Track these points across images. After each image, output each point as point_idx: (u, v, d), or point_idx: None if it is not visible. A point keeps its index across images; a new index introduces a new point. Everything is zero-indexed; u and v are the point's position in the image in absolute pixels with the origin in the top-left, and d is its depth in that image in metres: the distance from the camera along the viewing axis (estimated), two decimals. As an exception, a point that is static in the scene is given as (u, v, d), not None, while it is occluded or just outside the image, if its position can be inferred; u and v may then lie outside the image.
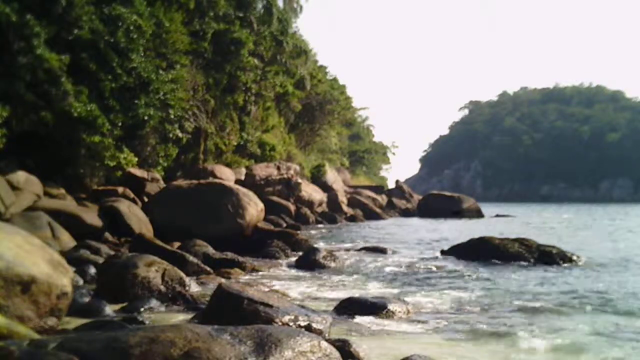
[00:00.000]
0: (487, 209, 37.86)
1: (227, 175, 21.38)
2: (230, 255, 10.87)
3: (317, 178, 32.31)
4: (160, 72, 16.86)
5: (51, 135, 13.96)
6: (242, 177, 23.44)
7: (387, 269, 10.16)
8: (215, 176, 19.86)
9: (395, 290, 8.00)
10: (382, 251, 12.99)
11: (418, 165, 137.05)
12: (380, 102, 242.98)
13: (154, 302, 6.26)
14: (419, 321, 6.04)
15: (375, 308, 6.43)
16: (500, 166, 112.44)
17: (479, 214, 32.65)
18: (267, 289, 7.40)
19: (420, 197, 39.20)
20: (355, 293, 7.50)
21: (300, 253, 11.47)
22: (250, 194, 13.74)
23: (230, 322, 3.72)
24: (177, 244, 11.42)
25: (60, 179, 14.30)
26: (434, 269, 10.37)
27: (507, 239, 11.92)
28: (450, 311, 6.61)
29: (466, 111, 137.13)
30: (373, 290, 8.00)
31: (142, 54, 15.96)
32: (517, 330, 5.65)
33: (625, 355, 4.88)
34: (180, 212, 12.92)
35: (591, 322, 6.10)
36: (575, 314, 6.56)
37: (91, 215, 11.94)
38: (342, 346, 4.12)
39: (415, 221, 29.90)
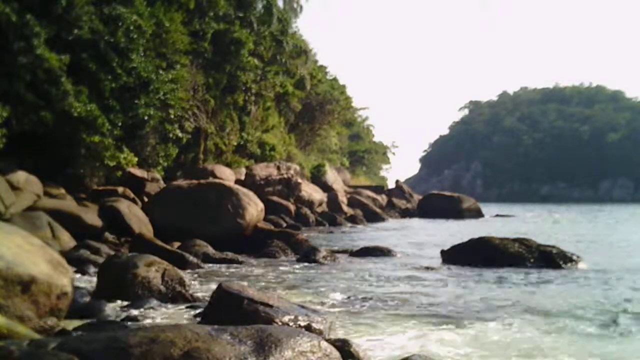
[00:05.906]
0: (487, 209, 37.87)
1: (227, 175, 21.37)
2: (230, 255, 10.90)
3: (317, 178, 32.26)
4: (160, 72, 16.86)
5: (51, 135, 13.95)
6: (242, 177, 23.43)
7: (388, 269, 10.16)
8: (215, 176, 19.86)
9: (395, 290, 8.00)
10: (382, 251, 12.97)
11: (418, 165, 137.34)
12: (380, 102, 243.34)
13: (154, 302, 6.26)
14: (419, 320, 6.04)
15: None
16: (500, 166, 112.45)
17: (479, 214, 32.66)
18: (266, 290, 7.40)
19: (421, 197, 39.15)
20: (355, 293, 7.51)
21: (301, 253, 11.48)
22: (250, 194, 13.73)
23: (231, 322, 3.71)
24: (177, 244, 11.43)
25: (60, 179, 14.30)
26: (434, 268, 10.37)
27: (507, 239, 11.89)
28: (451, 310, 6.61)
29: (466, 111, 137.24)
30: (373, 290, 7.99)
31: (142, 54, 15.96)
32: (519, 329, 5.66)
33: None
34: (180, 212, 12.91)
35: (591, 323, 6.11)
36: (573, 315, 6.57)
37: (91, 215, 11.94)
38: (342, 346, 4.11)
39: (415, 221, 29.91)
